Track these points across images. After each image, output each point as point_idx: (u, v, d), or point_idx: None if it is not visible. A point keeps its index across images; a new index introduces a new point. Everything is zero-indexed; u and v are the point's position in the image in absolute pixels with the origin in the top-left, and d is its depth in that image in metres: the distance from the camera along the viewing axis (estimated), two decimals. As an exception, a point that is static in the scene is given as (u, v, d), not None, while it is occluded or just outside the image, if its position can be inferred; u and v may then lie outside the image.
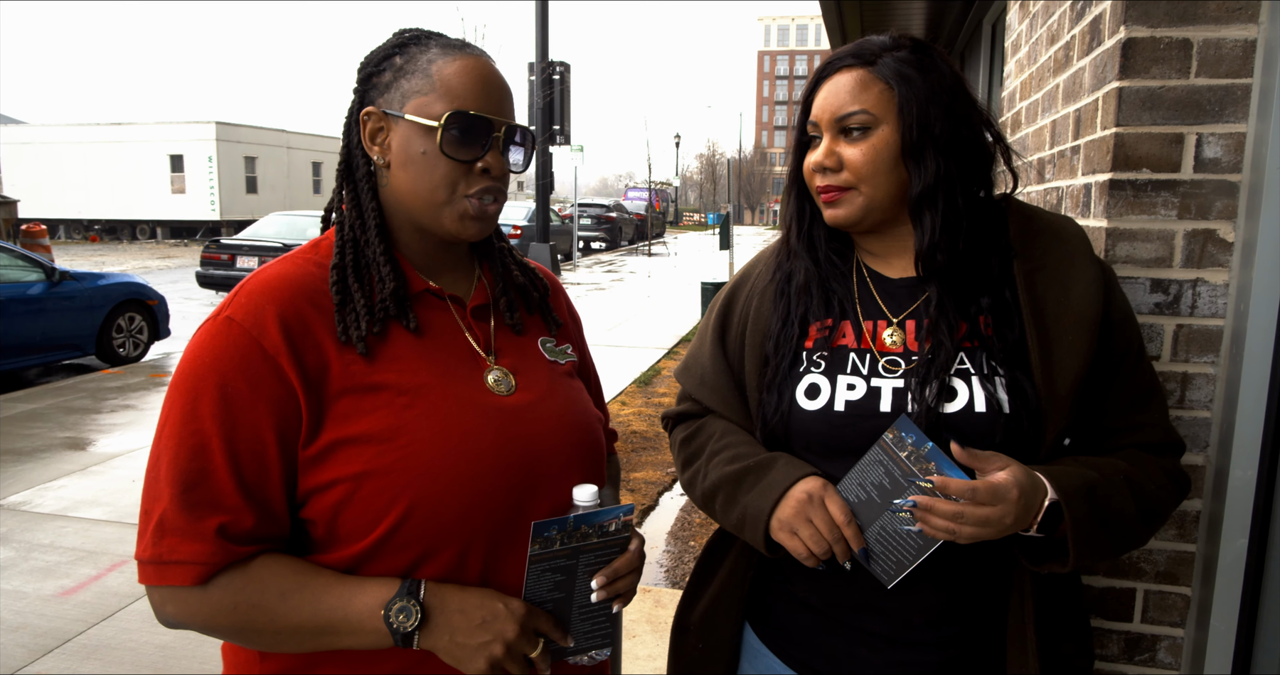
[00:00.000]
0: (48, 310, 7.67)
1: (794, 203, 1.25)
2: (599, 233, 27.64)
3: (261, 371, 0.96)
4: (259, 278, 1.03)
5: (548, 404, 1.12)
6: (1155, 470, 1.14)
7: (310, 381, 0.97)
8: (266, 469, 0.96)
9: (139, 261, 21.14)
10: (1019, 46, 2.39)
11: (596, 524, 1.02)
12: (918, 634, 1.14)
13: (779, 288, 1.25)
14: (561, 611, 1.04)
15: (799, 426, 1.17)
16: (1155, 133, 1.40)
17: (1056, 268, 1.14)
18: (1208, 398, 1.44)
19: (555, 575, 1.02)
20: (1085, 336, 1.10)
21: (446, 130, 1.02)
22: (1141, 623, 1.52)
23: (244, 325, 0.97)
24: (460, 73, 1.04)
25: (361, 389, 0.99)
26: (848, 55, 1.15)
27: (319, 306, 1.01)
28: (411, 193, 1.05)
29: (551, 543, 0.99)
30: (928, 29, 6.70)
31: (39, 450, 5.53)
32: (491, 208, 1.08)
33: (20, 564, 3.82)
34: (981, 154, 1.15)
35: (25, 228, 13.40)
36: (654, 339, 9.91)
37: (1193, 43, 1.37)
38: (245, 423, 0.95)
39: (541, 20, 16.45)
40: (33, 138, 30.68)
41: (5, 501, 4.60)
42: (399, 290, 1.05)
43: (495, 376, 1.10)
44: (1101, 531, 1.05)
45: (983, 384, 1.10)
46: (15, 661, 3.02)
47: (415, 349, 1.05)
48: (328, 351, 0.99)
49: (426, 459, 0.98)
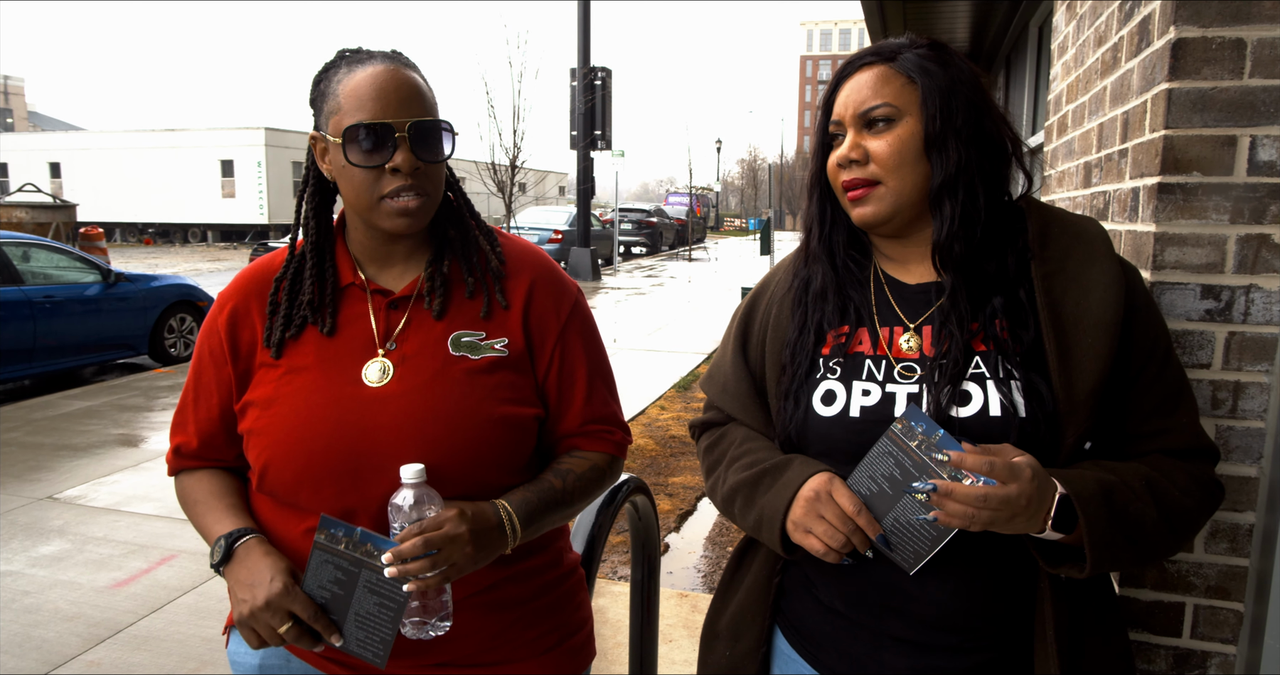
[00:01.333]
0: (103, 311, 7.92)
1: (816, 205, 1.25)
2: (639, 237, 27.69)
3: (214, 342, 1.30)
4: (244, 270, 1.34)
5: (412, 398, 1.21)
6: (1181, 476, 1.11)
7: (240, 355, 1.28)
8: (211, 412, 1.30)
9: (190, 264, 21.69)
10: (1066, 48, 2.35)
11: (381, 548, 1.08)
12: (941, 638, 1.12)
13: (797, 295, 1.26)
14: (337, 609, 1.12)
15: (815, 433, 1.18)
16: (1206, 135, 1.37)
17: (1076, 270, 1.12)
18: (1261, 407, 1.40)
19: (336, 572, 1.11)
20: (1105, 339, 1.08)
21: (347, 143, 1.15)
22: (1191, 638, 1.48)
23: (216, 305, 1.32)
24: (358, 86, 1.15)
25: (269, 365, 1.26)
26: (868, 54, 1.17)
27: (263, 299, 1.29)
28: (348, 200, 1.23)
29: (336, 541, 1.10)
30: (973, 31, 6.62)
31: (94, 446, 5.70)
32: (413, 203, 1.18)
33: (76, 556, 3.94)
34: (1000, 151, 1.15)
35: (83, 231, 13.81)
36: (693, 344, 9.90)
37: (1246, 42, 1.33)
38: (205, 376, 1.31)
39: (583, 26, 16.52)
40: (91, 144, 31.73)
41: (62, 495, 4.74)
42: (317, 299, 1.26)
43: (377, 367, 1.23)
44: (1120, 536, 1.03)
45: (998, 387, 1.09)
46: (70, 650, 3.11)
47: (319, 339, 1.26)
48: (259, 335, 1.28)
49: (280, 429, 1.21)
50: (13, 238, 7.68)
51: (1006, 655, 1.13)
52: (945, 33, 6.79)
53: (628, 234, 27.12)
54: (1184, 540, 1.12)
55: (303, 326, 1.26)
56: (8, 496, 4.70)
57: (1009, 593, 1.12)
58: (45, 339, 7.30)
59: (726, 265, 22.81)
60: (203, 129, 30.74)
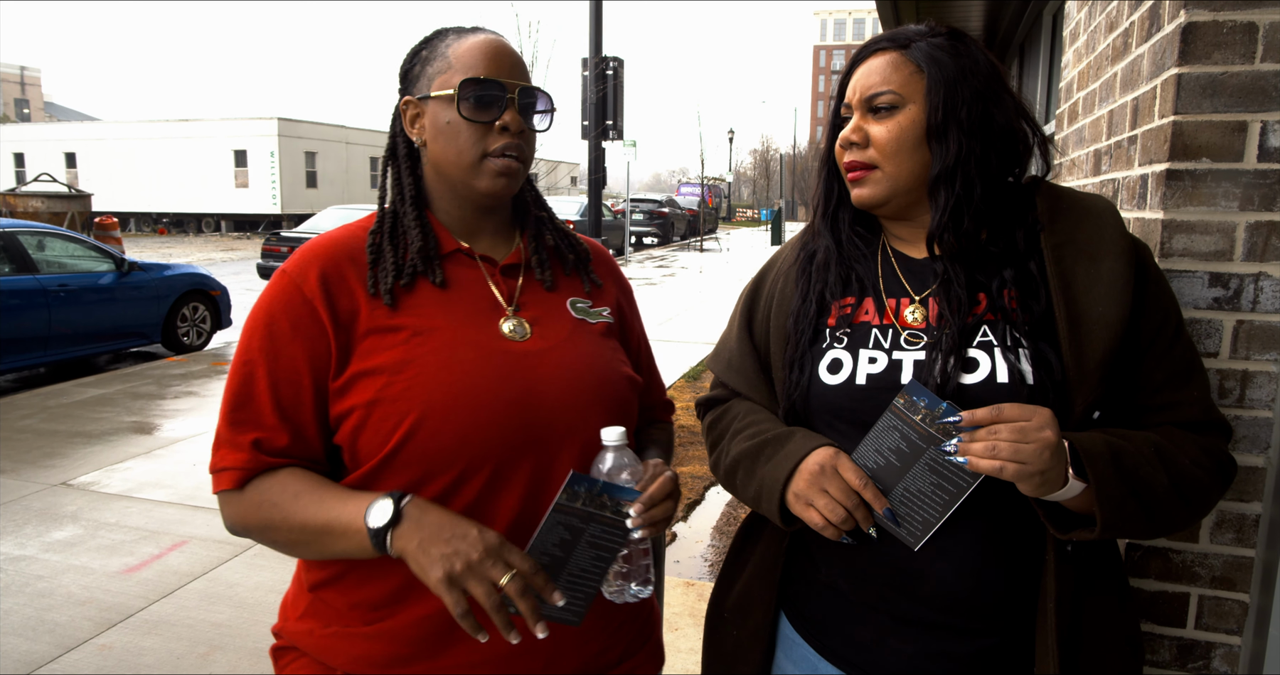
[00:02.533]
0: (117, 299, 7.97)
1: (823, 182, 1.28)
2: (651, 228, 27.63)
3: (301, 313, 1.13)
4: (314, 240, 1.21)
5: (560, 353, 1.20)
6: (1192, 447, 1.10)
7: (340, 323, 1.13)
8: (300, 395, 1.12)
9: (203, 253, 21.82)
10: (1077, 35, 2.33)
11: (616, 499, 1.05)
12: (947, 619, 1.12)
13: (801, 266, 1.29)
14: (553, 572, 1.04)
15: (821, 401, 1.19)
16: (1216, 121, 1.35)
17: (1087, 241, 1.13)
18: (1269, 397, 1.38)
19: (563, 532, 1.04)
20: (1116, 309, 1.09)
21: (462, 96, 1.16)
22: (1196, 629, 1.47)
23: (291, 275, 1.15)
24: (471, 48, 1.18)
25: (383, 330, 1.14)
26: (884, 39, 1.19)
27: (357, 263, 1.18)
28: (445, 160, 1.19)
29: (576, 498, 1.03)
30: (986, 19, 6.55)
31: (107, 433, 5.75)
32: (515, 164, 1.19)
33: (89, 541, 3.98)
34: (1013, 142, 1.15)
35: (98, 220, 13.91)
36: (703, 334, 9.89)
37: (1258, 26, 1.31)
38: (285, 355, 1.12)
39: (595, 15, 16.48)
40: (106, 134, 31.89)
41: (75, 481, 4.79)
42: (426, 249, 1.19)
43: (511, 325, 1.20)
44: (1130, 497, 1.03)
45: (1004, 355, 1.10)
46: (82, 633, 3.15)
47: (437, 299, 1.18)
48: (359, 299, 1.15)
49: (428, 388, 1.10)
50: (28, 227, 7.74)
51: (1012, 640, 1.12)
52: (959, 21, 6.72)
53: (639, 224, 27.06)
54: (1198, 513, 1.11)
55: (414, 277, 1.18)
56: (22, 482, 4.75)
57: (1015, 572, 1.11)
58: (60, 327, 7.36)
59: (738, 256, 22.74)
60: (216, 119, 30.77)
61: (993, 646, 1.12)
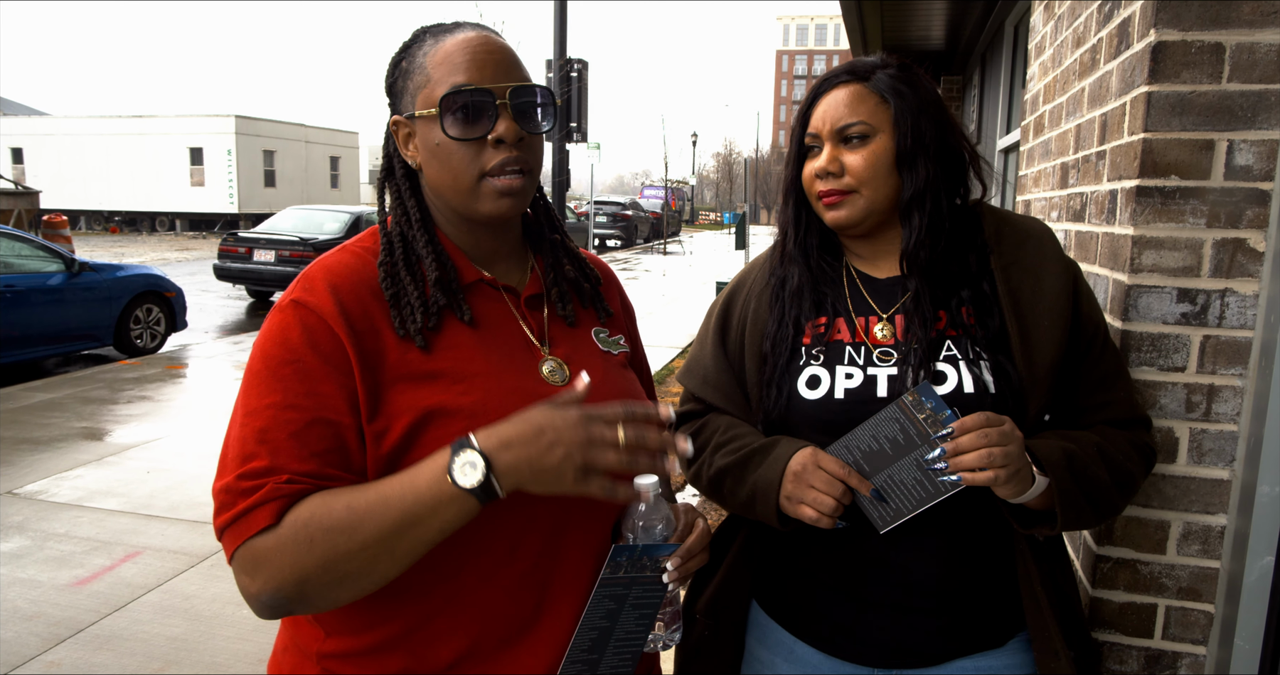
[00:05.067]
0: (67, 301, 7.74)
1: (791, 210, 1.34)
2: (614, 230, 27.62)
3: (330, 346, 0.97)
4: (321, 266, 1.05)
5: (601, 394, 1.08)
6: (1124, 444, 1.24)
7: (368, 365, 0.98)
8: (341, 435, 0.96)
9: (158, 253, 21.33)
10: (1043, 49, 2.36)
11: (655, 558, 1.02)
12: (920, 601, 1.22)
13: (774, 292, 1.34)
14: (600, 642, 1.03)
15: (800, 415, 1.26)
16: (1185, 139, 1.37)
17: (1029, 262, 1.24)
18: (1235, 411, 1.40)
19: (609, 603, 1.01)
20: (1059, 322, 1.21)
21: (445, 113, 1.02)
22: (1162, 639, 1.49)
23: (310, 306, 0.99)
24: (449, 54, 1.03)
25: (419, 376, 1.00)
26: (843, 72, 1.26)
27: (379, 295, 1.03)
28: (442, 184, 1.06)
29: (619, 568, 1.00)
30: (948, 30, 6.64)
31: (56, 440, 5.57)
32: (516, 182, 1.05)
33: (35, 553, 3.85)
34: (961, 163, 1.26)
35: (46, 218, 13.51)
36: (668, 338, 9.89)
37: (1225, 47, 1.34)
38: (319, 394, 0.95)
39: (560, 17, 16.44)
40: (55, 129, 30.99)
41: (21, 490, 4.63)
42: (445, 280, 1.06)
43: (550, 367, 1.10)
44: (1082, 497, 1.15)
45: (969, 367, 1.20)
46: (29, 650, 3.04)
47: (471, 338, 1.06)
48: (386, 340, 1.01)
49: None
50: (-28, 225, 7.48)
51: (983, 612, 1.24)
52: (921, 31, 6.81)
53: (602, 227, 27.03)
54: (1127, 499, 1.25)
55: (440, 315, 1.04)
56: (-35, 491, 4.58)
57: (979, 561, 1.23)
58: (5, 329, 7.12)
59: (701, 259, 22.82)
60: (171, 116, 30.07)
61: (962, 617, 1.23)
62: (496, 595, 1.02)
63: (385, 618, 1.02)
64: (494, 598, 1.02)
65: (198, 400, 6.80)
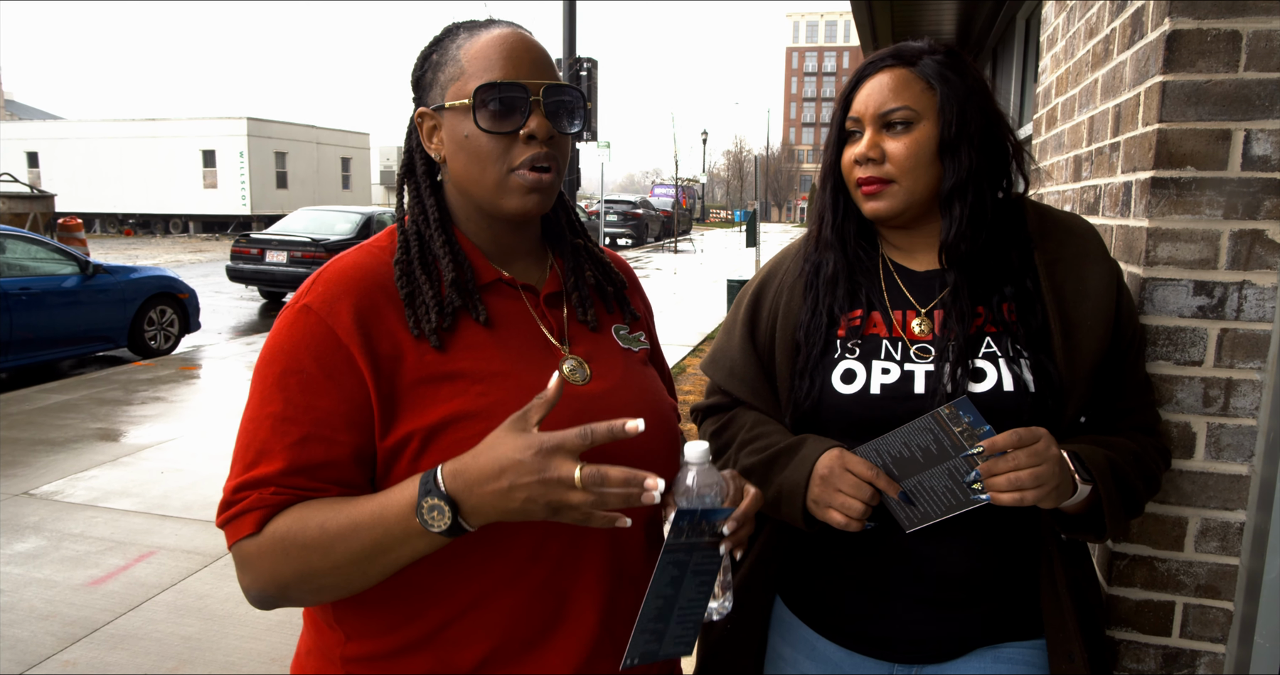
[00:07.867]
0: (82, 303, 7.79)
1: (829, 195, 1.29)
2: (625, 229, 27.63)
3: (335, 359, 0.97)
4: (335, 267, 1.04)
5: (622, 392, 1.11)
6: (1151, 450, 1.25)
7: (382, 371, 0.98)
8: (332, 453, 0.96)
9: (171, 255, 21.47)
10: (1055, 41, 2.33)
11: (712, 522, 0.99)
12: (948, 594, 1.21)
13: (808, 279, 1.31)
14: (665, 612, 1.00)
15: (833, 410, 1.23)
16: (1201, 129, 1.35)
17: (1072, 259, 1.22)
18: (1253, 405, 1.38)
19: (673, 570, 0.98)
20: (1103, 321, 1.19)
21: (478, 105, 1.01)
22: (1180, 637, 1.47)
23: (320, 313, 0.98)
24: (485, 48, 1.04)
25: (438, 378, 1.00)
26: (888, 56, 1.22)
27: (393, 297, 1.02)
28: (468, 177, 1.06)
29: (681, 533, 0.96)
30: (959, 23, 6.60)
31: (71, 441, 5.61)
32: (546, 177, 1.05)
33: (51, 553, 3.88)
34: (1004, 155, 1.22)
35: (61, 221, 13.62)
36: (679, 336, 9.87)
37: (1242, 35, 1.31)
38: (317, 408, 0.96)
39: (569, 16, 16.44)
40: (69, 133, 31.29)
41: (38, 491, 4.67)
42: (461, 280, 1.05)
43: (570, 366, 1.09)
44: (1123, 507, 1.15)
45: (1009, 366, 1.18)
46: (45, 649, 3.06)
47: (489, 338, 1.05)
48: (402, 341, 1.00)
49: None
50: (-12, 229, 7.55)
51: (1007, 605, 1.23)
52: (932, 25, 6.77)
53: (613, 225, 27.04)
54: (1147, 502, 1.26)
55: (455, 315, 1.04)
56: (-18, 492, 4.62)
57: (1007, 557, 1.21)
58: (21, 332, 7.18)
59: (712, 257, 22.78)
60: (183, 118, 30.33)
61: (991, 611, 1.22)
62: (520, 598, 1.01)
63: (407, 620, 1.02)
64: (517, 600, 1.01)
65: (211, 401, 6.83)
